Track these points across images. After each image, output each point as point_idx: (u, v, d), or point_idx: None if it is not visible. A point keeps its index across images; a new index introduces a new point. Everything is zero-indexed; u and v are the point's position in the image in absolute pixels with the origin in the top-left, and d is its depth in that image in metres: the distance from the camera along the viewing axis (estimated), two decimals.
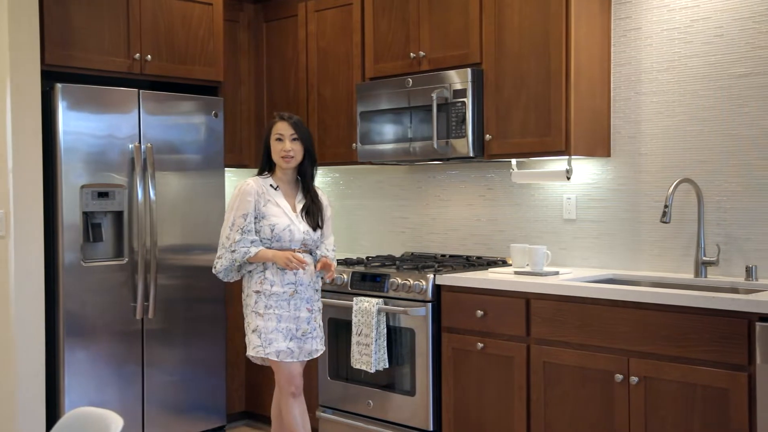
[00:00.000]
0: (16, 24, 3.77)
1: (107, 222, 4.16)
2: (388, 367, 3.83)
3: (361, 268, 4.06)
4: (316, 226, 3.57)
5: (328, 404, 4.16)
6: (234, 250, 3.43)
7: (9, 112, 3.76)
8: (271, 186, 3.55)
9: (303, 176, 3.63)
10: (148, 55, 4.29)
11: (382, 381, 3.90)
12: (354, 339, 3.87)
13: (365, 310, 3.83)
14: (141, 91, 4.21)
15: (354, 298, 3.91)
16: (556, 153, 3.65)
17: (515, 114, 3.76)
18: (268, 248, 3.46)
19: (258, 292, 3.47)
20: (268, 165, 3.61)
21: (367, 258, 4.37)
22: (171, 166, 4.35)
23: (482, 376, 3.57)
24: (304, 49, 4.75)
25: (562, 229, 4.01)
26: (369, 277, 3.95)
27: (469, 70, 3.83)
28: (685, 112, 3.60)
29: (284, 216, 3.50)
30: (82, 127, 4.01)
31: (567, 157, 3.75)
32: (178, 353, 4.36)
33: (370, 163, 4.42)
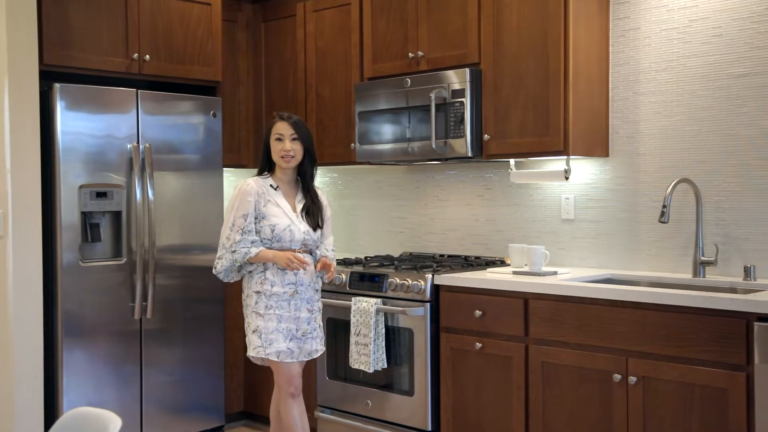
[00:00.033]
0: (15, 24, 3.76)
1: (105, 222, 4.15)
2: (386, 367, 3.83)
3: (359, 268, 4.06)
4: (317, 226, 3.57)
5: (327, 404, 4.16)
6: (234, 251, 3.43)
7: (7, 112, 3.76)
8: (271, 186, 3.55)
9: (303, 176, 3.62)
10: (147, 55, 4.29)
11: (381, 381, 3.90)
12: (352, 339, 3.86)
13: (364, 310, 3.83)
14: (139, 91, 4.21)
15: (352, 298, 3.91)
16: (555, 153, 3.65)
17: (513, 114, 3.76)
18: (269, 248, 3.46)
19: (258, 292, 3.47)
20: (267, 165, 3.61)
21: (366, 258, 4.37)
22: (169, 166, 4.35)
23: (481, 376, 3.57)
24: (302, 49, 4.75)
25: (561, 229, 4.02)
26: (367, 277, 3.95)
27: (468, 70, 3.83)
28: (684, 112, 3.60)
29: (284, 216, 3.50)
30: (81, 127, 4.01)
31: (565, 157, 3.75)
32: (177, 353, 4.36)
33: (369, 163, 4.42)
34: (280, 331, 3.45)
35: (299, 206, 3.56)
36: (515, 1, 3.74)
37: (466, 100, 3.82)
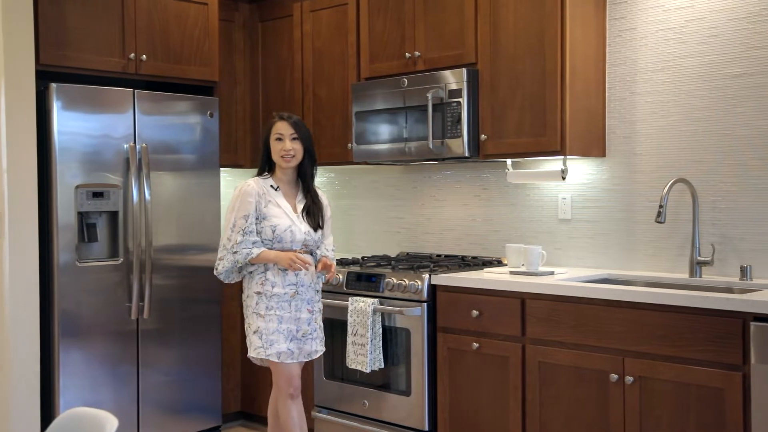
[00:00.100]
0: (11, 24, 3.76)
1: (102, 222, 4.15)
2: (383, 367, 3.83)
3: (356, 268, 4.06)
4: (317, 226, 3.57)
5: (324, 404, 4.16)
6: (236, 252, 3.42)
7: (3, 111, 3.75)
8: (272, 186, 3.54)
9: (303, 176, 3.61)
10: (143, 55, 4.28)
11: (378, 381, 3.90)
12: (349, 339, 3.86)
13: (361, 310, 3.83)
14: (136, 91, 4.21)
15: (349, 298, 3.91)
16: (551, 153, 3.66)
17: (510, 114, 3.77)
18: (270, 249, 3.46)
19: (259, 293, 3.46)
20: (267, 165, 3.60)
21: (363, 258, 4.37)
22: (166, 166, 4.34)
23: (477, 376, 3.58)
24: (299, 49, 4.75)
25: (558, 229, 4.02)
26: (364, 277, 3.95)
27: (465, 70, 3.84)
28: (680, 113, 3.60)
29: (285, 217, 3.49)
30: (77, 127, 4.01)
31: (562, 157, 3.76)
32: (174, 353, 4.36)
33: (366, 163, 4.42)
34: (280, 332, 3.44)
35: (300, 207, 3.56)
36: (512, 1, 3.75)
37: (463, 100, 3.82)
